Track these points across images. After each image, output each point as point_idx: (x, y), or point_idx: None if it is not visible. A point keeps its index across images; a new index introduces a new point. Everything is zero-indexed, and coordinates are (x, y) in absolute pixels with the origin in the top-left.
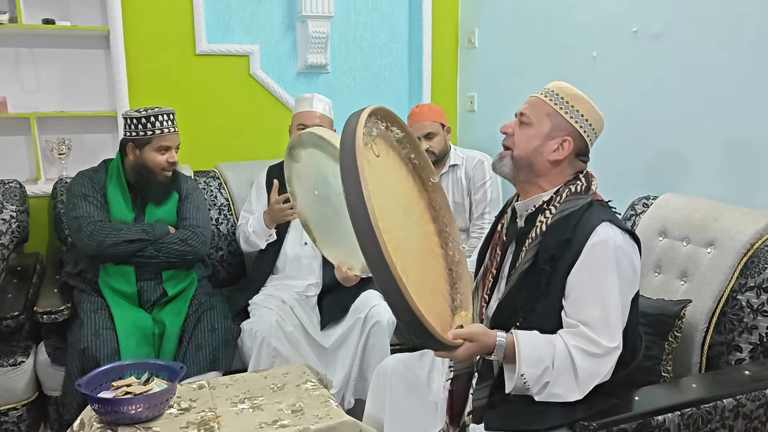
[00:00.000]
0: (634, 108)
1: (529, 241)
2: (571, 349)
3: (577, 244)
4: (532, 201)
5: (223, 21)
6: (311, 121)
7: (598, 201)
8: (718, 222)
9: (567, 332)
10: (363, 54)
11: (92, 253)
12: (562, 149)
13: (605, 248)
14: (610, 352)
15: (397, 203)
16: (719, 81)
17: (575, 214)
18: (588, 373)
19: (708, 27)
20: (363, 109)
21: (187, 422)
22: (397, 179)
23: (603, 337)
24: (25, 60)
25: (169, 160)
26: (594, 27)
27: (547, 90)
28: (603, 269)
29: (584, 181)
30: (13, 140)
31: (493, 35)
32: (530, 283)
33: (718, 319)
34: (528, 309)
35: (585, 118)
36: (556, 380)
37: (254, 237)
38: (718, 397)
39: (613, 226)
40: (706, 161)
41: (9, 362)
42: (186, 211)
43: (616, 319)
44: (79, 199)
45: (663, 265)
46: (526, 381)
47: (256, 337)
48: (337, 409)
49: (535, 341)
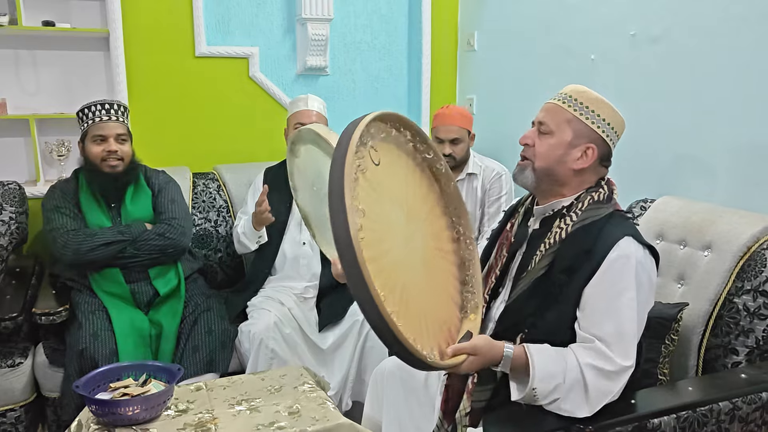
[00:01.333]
0: (632, 111)
1: (545, 246)
2: (583, 366)
3: (597, 256)
4: (551, 205)
5: (223, 23)
6: (308, 120)
7: (619, 212)
8: (715, 225)
9: (580, 347)
10: (362, 56)
11: (70, 262)
12: (586, 157)
13: (627, 264)
14: (623, 370)
15: (400, 209)
16: (717, 84)
17: (597, 224)
18: (599, 392)
19: (706, 30)
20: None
21: (184, 424)
22: (401, 179)
23: (617, 355)
24: (25, 62)
25: (106, 150)
26: (593, 30)
27: (564, 95)
28: (622, 285)
29: (606, 189)
30: (12, 142)
31: (492, 38)
32: (542, 291)
33: (715, 322)
34: (538, 316)
35: (607, 123)
36: (566, 396)
37: (244, 238)
38: (714, 400)
39: (635, 242)
40: (704, 164)
41: (7, 363)
42: (161, 204)
43: (631, 337)
44: (51, 213)
45: (660, 268)
46: (536, 395)
47: (254, 339)
48: (334, 411)
49: (548, 356)
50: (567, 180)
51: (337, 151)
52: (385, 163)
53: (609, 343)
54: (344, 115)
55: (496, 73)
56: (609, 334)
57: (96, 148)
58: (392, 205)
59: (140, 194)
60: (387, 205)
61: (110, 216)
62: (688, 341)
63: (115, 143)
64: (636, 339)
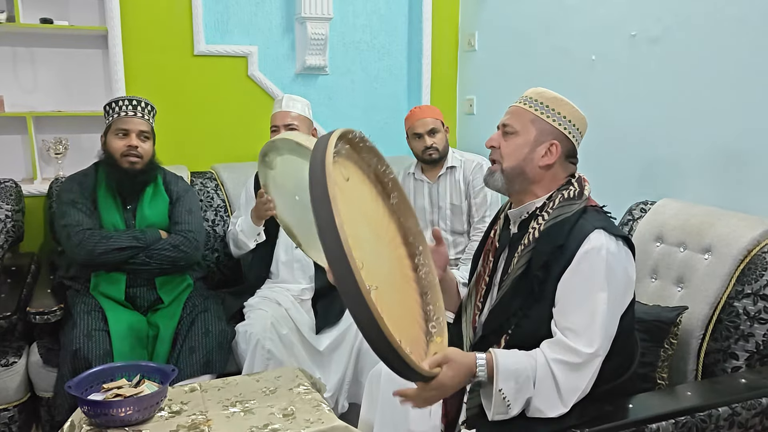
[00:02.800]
0: (633, 112)
1: (522, 247)
2: (550, 362)
3: (569, 250)
4: (525, 208)
5: (222, 22)
6: (282, 122)
7: (593, 206)
8: (715, 228)
9: (547, 343)
10: (362, 56)
11: (82, 261)
12: (550, 153)
13: (597, 256)
14: (589, 359)
15: (368, 228)
16: (718, 86)
17: (569, 220)
18: (569, 386)
19: (706, 32)
20: (330, 133)
21: (177, 425)
22: (366, 202)
23: (581, 344)
24: (22, 59)
25: (127, 144)
26: (593, 31)
27: (525, 98)
28: (593, 278)
29: (577, 186)
30: (9, 139)
31: (493, 38)
32: (523, 290)
33: (715, 326)
34: (521, 315)
35: (568, 120)
36: (538, 394)
37: (243, 236)
38: (713, 405)
39: (607, 234)
40: (704, 167)
41: (1, 362)
42: (178, 214)
43: (599, 327)
44: (67, 207)
45: (659, 271)
46: (505, 396)
47: (251, 340)
48: (329, 414)
49: (513, 356)
50: (536, 177)
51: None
52: (353, 181)
53: (574, 333)
54: (343, 116)
55: (497, 74)
56: (576, 325)
57: (118, 142)
58: (360, 221)
59: (158, 199)
60: (358, 220)
61: (125, 217)
62: (687, 345)
63: (136, 139)
64: (605, 329)
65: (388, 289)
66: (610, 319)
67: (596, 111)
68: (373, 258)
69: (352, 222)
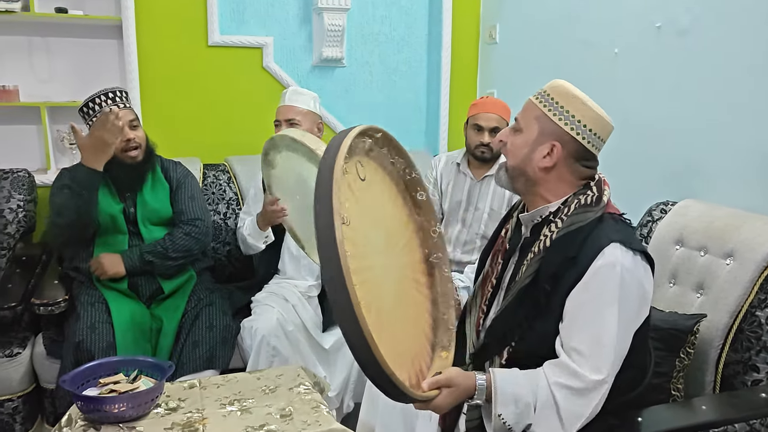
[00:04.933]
0: (657, 108)
1: (531, 254)
2: (552, 386)
3: (581, 263)
4: (538, 212)
5: (237, 12)
6: (284, 116)
7: (610, 214)
8: (738, 232)
9: (550, 365)
10: (380, 48)
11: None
12: (551, 156)
13: (611, 273)
14: (595, 386)
15: (379, 230)
16: (748, 81)
17: (583, 229)
18: (571, 413)
19: (737, 24)
20: (346, 134)
21: (172, 423)
22: (384, 203)
23: (587, 369)
24: (37, 49)
25: (123, 139)
26: (616, 22)
27: (541, 91)
28: (604, 296)
29: (595, 190)
30: (24, 129)
31: (514, 31)
32: (529, 300)
33: (735, 336)
34: (526, 327)
35: (577, 119)
36: (539, 420)
37: (251, 240)
38: (729, 420)
39: (623, 248)
40: (729, 167)
41: (5, 353)
42: (181, 202)
43: (607, 351)
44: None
45: (678, 276)
46: (505, 421)
47: (256, 336)
48: (327, 416)
49: (514, 378)
50: (539, 180)
51: (326, 155)
52: (369, 181)
53: (581, 355)
54: (361, 108)
55: (518, 67)
56: (582, 347)
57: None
58: (373, 223)
59: (158, 187)
60: (369, 223)
61: (122, 203)
62: (705, 355)
63: (129, 131)
64: (615, 353)
65: (392, 303)
66: (620, 341)
67: (619, 106)
68: (378, 271)
69: (361, 231)
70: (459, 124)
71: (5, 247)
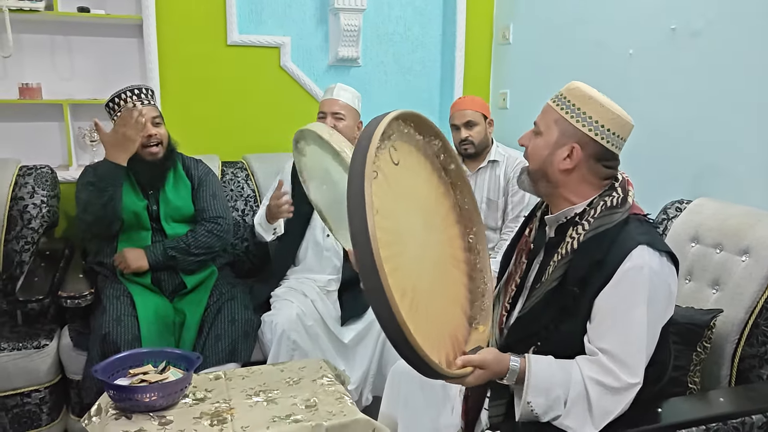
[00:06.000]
0: (671, 108)
1: (558, 256)
2: (586, 380)
3: (609, 266)
4: (563, 213)
5: (255, 12)
6: (330, 109)
7: (635, 215)
8: (754, 229)
9: (585, 360)
10: (395, 48)
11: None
12: (571, 158)
13: (639, 275)
14: (629, 387)
15: (416, 211)
16: (761, 82)
17: (610, 232)
18: (603, 409)
19: (751, 25)
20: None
21: (201, 413)
22: (419, 182)
23: (623, 371)
24: (60, 47)
25: (144, 135)
26: (631, 24)
27: (558, 95)
28: (633, 298)
29: (620, 192)
30: (47, 126)
31: (528, 31)
32: (556, 303)
33: (751, 331)
34: (552, 329)
35: (595, 120)
36: (569, 413)
37: (259, 229)
38: (746, 412)
39: (650, 249)
40: (744, 165)
41: (33, 345)
42: (203, 200)
43: (639, 353)
44: (80, 192)
45: (694, 273)
46: (533, 409)
47: (276, 330)
48: (352, 407)
49: (549, 368)
50: (561, 182)
51: (358, 145)
52: (404, 164)
53: (614, 358)
54: (375, 107)
55: (531, 67)
56: (615, 348)
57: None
58: (408, 206)
59: (180, 185)
60: (403, 206)
61: (145, 200)
62: (721, 350)
63: (152, 128)
64: (645, 354)
65: (430, 281)
66: (649, 342)
67: (633, 107)
68: (414, 252)
69: (394, 216)
70: None
71: (29, 241)
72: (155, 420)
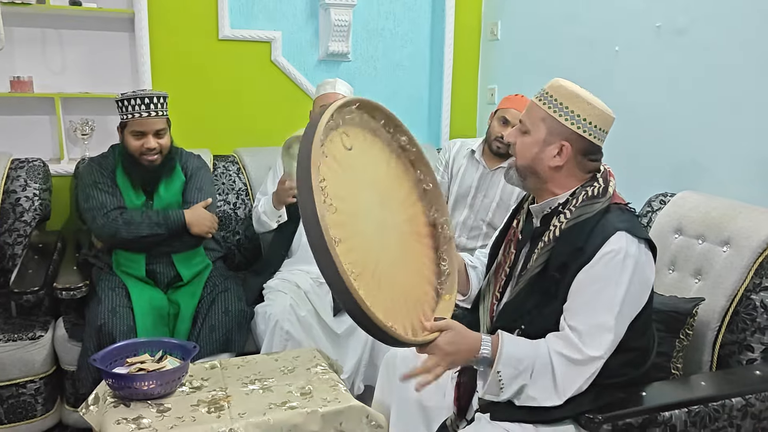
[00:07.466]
0: (656, 104)
1: (542, 245)
2: (552, 353)
3: (588, 252)
4: (547, 203)
5: (247, 7)
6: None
7: (616, 204)
8: (735, 221)
9: (553, 335)
10: (384, 43)
11: (106, 242)
12: (560, 155)
13: (615, 258)
14: (590, 360)
15: (373, 192)
16: (743, 79)
17: (590, 220)
18: (567, 379)
19: (734, 24)
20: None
21: (198, 400)
22: (375, 164)
23: (587, 345)
24: (51, 41)
25: (145, 146)
26: (617, 21)
27: (542, 92)
28: (607, 280)
29: (602, 182)
30: (38, 120)
31: (516, 28)
32: (539, 288)
33: (731, 318)
34: (536, 313)
35: (582, 118)
36: (534, 383)
37: (265, 217)
38: (726, 395)
39: (629, 235)
40: (726, 160)
41: (28, 336)
42: (189, 192)
43: (606, 331)
44: (90, 189)
45: (677, 263)
46: (501, 378)
47: (270, 321)
48: (346, 394)
49: (519, 343)
50: (548, 177)
51: (305, 135)
52: (357, 148)
53: (580, 333)
54: None
55: (519, 64)
56: (583, 325)
57: (135, 142)
58: (365, 188)
59: (174, 180)
60: (358, 188)
61: (144, 196)
62: (702, 336)
63: (153, 140)
64: (614, 334)
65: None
66: (619, 323)
67: (619, 102)
68: (373, 231)
69: (348, 199)
70: (460, 118)
71: (22, 234)
72: (153, 408)
